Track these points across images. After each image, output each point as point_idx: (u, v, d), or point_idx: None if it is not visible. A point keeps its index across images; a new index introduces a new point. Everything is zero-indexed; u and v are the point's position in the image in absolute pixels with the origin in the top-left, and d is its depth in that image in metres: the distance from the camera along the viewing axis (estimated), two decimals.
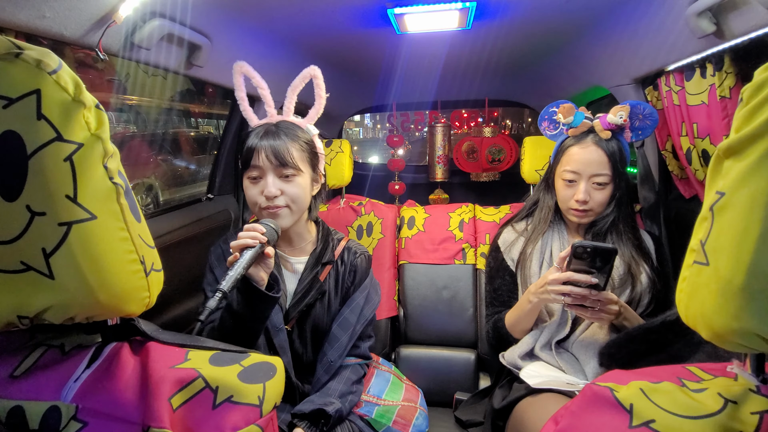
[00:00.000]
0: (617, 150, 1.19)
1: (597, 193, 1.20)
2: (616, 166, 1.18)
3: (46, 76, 0.46)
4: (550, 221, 1.32)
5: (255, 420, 0.55)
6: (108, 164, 0.51)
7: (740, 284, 0.41)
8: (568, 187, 1.23)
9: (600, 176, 1.18)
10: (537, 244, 1.31)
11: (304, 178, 1.10)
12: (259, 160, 1.05)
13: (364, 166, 2.93)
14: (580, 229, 1.31)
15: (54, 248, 0.47)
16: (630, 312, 1.11)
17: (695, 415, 0.46)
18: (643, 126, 1.24)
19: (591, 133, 1.22)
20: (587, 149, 1.20)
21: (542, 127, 1.36)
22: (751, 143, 0.42)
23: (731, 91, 1.10)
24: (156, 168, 5.88)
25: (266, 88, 1.14)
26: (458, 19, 1.34)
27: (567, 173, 1.22)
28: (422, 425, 1.25)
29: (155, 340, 0.61)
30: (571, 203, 1.23)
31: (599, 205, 1.21)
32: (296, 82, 1.13)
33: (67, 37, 0.87)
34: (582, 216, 1.23)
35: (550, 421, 0.56)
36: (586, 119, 1.24)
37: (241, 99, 1.16)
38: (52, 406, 0.51)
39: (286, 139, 1.07)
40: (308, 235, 1.21)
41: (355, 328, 1.18)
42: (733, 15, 0.94)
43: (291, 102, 1.15)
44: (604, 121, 1.20)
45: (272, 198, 1.05)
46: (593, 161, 1.18)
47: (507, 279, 1.35)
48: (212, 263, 1.18)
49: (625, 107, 1.21)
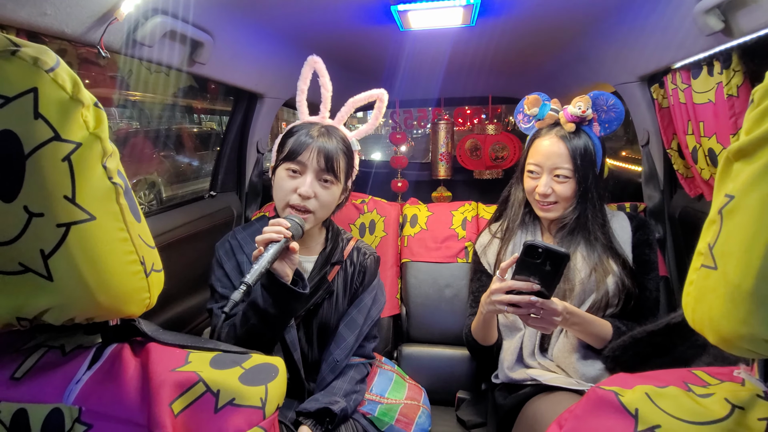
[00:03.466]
0: (582, 145, 1.17)
1: (559, 186, 1.18)
2: (577, 160, 1.16)
3: (43, 74, 0.45)
4: (523, 220, 1.31)
5: (258, 422, 0.54)
6: (107, 164, 0.51)
7: (749, 289, 0.40)
8: (532, 179, 1.23)
9: (560, 169, 1.17)
10: (509, 247, 1.29)
11: (338, 188, 1.10)
12: (308, 157, 1.04)
13: (367, 163, 2.92)
14: (552, 227, 1.28)
15: (52, 250, 0.47)
16: (580, 317, 1.07)
17: (701, 421, 0.45)
18: (609, 119, 1.21)
19: (557, 126, 1.21)
20: (549, 141, 1.19)
21: (517, 120, 1.35)
22: (761, 146, 0.41)
23: (739, 90, 1.08)
24: (159, 165, 5.89)
25: (329, 90, 1.15)
26: (462, 16, 1.32)
27: (530, 165, 1.23)
28: (425, 423, 1.25)
29: (156, 341, 0.60)
30: (534, 195, 1.22)
31: (564, 198, 1.19)
32: (361, 97, 1.17)
33: (68, 35, 0.87)
34: (547, 209, 1.21)
35: (554, 424, 0.55)
36: (552, 111, 1.22)
37: (301, 91, 1.16)
38: (54, 408, 0.51)
39: (338, 147, 1.08)
40: (319, 236, 1.21)
41: (361, 328, 1.18)
42: (742, 12, 0.93)
43: (347, 113, 1.17)
44: (567, 113, 1.19)
45: (306, 198, 1.04)
46: (553, 153, 1.17)
47: (484, 281, 1.33)
48: (220, 258, 1.16)
49: (585, 98, 1.18)
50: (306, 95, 1.16)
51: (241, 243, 1.16)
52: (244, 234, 1.19)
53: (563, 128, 1.19)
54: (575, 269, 1.18)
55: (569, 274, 1.18)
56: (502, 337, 1.29)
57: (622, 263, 1.18)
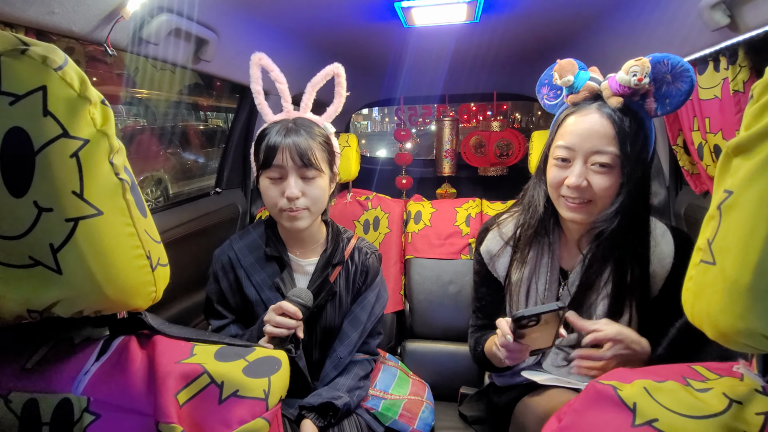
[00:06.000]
0: (634, 125, 0.89)
1: (598, 179, 0.90)
2: (626, 143, 0.87)
3: (51, 72, 0.46)
4: (541, 227, 1.04)
5: (261, 413, 0.55)
6: (114, 160, 0.52)
7: (747, 284, 0.41)
8: (560, 168, 0.94)
9: (602, 154, 0.89)
10: (524, 271, 1.06)
11: (324, 179, 1.07)
12: (282, 159, 1.01)
13: (372, 160, 2.92)
14: (582, 242, 1.01)
15: (61, 244, 0.48)
16: (633, 344, 0.86)
17: (699, 415, 0.46)
18: (672, 92, 0.87)
19: (598, 101, 0.93)
20: (587, 117, 0.91)
21: (540, 95, 1.09)
22: (760, 141, 0.41)
23: (745, 85, 1.07)
24: (166, 162, 5.93)
25: (284, 83, 1.10)
26: (466, 12, 1.32)
27: (559, 149, 0.94)
28: (428, 418, 1.26)
29: (162, 334, 0.61)
30: (562, 189, 0.94)
31: (602, 195, 0.91)
32: (317, 78, 1.10)
33: (75, 33, 0.88)
34: (576, 209, 0.94)
35: (552, 418, 0.55)
36: (591, 81, 0.95)
37: (257, 92, 1.11)
38: (63, 398, 0.52)
39: (309, 138, 1.03)
40: (320, 236, 1.19)
41: (365, 325, 1.18)
42: (748, 7, 0.92)
43: (310, 98, 1.11)
44: (614, 83, 0.90)
45: (294, 200, 1.03)
46: (594, 133, 0.89)
47: (493, 288, 1.15)
48: (216, 273, 1.15)
49: (643, 62, 0.87)
50: (263, 96, 1.11)
51: (239, 256, 1.14)
52: (240, 245, 1.16)
53: (606, 104, 0.91)
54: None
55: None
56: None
57: (646, 296, 0.96)
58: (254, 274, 1.12)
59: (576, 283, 1.02)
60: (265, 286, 1.12)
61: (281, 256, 1.14)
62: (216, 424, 0.53)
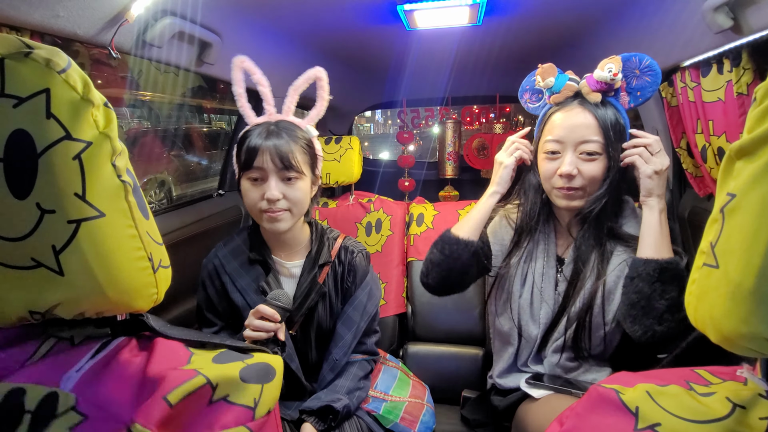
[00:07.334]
0: (612, 115, 1.01)
1: (588, 166, 1.00)
2: (609, 132, 0.99)
3: (55, 75, 0.47)
4: (538, 217, 1.14)
5: (246, 422, 0.55)
6: (116, 162, 0.52)
7: (750, 288, 0.40)
8: (551, 161, 1.04)
9: (589, 143, 1.00)
10: (522, 256, 1.15)
11: (305, 181, 1.08)
12: (262, 161, 1.02)
13: (375, 162, 2.92)
14: (572, 226, 1.12)
15: (64, 245, 0.48)
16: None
17: (702, 419, 0.45)
18: (641, 85, 1.02)
19: (578, 98, 1.05)
20: (572, 112, 1.03)
21: (523, 101, 1.19)
22: (763, 144, 0.40)
23: (749, 88, 1.07)
24: (169, 164, 5.96)
25: (267, 86, 1.11)
26: (468, 15, 1.32)
27: (549, 143, 1.04)
28: (429, 422, 1.26)
29: (163, 336, 0.61)
30: (555, 180, 1.04)
31: (591, 181, 1.01)
32: (299, 81, 1.11)
33: (80, 36, 0.89)
34: (570, 196, 1.03)
35: (555, 422, 0.55)
36: (570, 81, 1.07)
37: (239, 95, 1.11)
38: (51, 392, 0.51)
39: (290, 141, 1.04)
40: (303, 238, 1.19)
41: (359, 325, 1.18)
42: (751, 9, 0.92)
43: (292, 102, 1.12)
44: (591, 81, 1.03)
45: (274, 201, 1.03)
46: (579, 125, 1.00)
47: (484, 241, 1.19)
48: (204, 280, 1.16)
49: (616, 59, 1.02)
50: (245, 98, 1.11)
51: (223, 262, 1.14)
52: (225, 251, 1.16)
53: (586, 100, 1.03)
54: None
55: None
56: (494, 345, 1.28)
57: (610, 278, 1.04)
58: (238, 279, 1.13)
59: (571, 267, 1.11)
60: (250, 290, 1.12)
61: (265, 259, 1.14)
62: (199, 424, 0.53)
